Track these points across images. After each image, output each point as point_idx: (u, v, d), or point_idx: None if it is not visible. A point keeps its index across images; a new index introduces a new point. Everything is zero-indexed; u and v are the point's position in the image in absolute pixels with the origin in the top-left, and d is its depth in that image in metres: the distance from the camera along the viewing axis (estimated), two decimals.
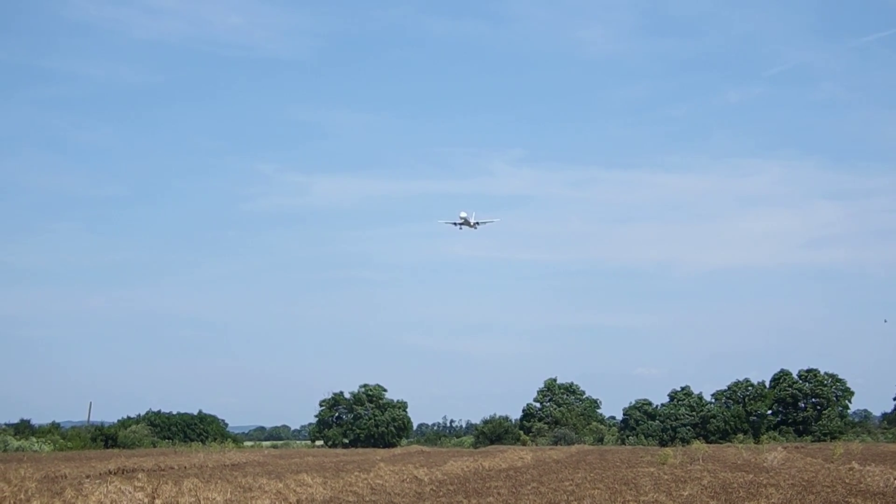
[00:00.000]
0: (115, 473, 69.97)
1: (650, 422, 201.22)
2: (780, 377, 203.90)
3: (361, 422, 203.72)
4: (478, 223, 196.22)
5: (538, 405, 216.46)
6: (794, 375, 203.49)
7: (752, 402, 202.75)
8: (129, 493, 40.78)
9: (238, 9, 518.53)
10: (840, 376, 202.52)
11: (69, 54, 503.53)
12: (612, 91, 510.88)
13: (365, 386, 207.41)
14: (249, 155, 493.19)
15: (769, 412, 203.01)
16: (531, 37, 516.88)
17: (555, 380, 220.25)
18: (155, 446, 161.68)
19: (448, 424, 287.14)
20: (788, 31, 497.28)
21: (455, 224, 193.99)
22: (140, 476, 48.58)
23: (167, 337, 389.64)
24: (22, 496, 42.17)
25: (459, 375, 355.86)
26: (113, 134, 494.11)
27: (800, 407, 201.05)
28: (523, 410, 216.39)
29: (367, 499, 47.14)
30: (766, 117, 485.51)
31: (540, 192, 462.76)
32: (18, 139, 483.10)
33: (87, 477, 63.22)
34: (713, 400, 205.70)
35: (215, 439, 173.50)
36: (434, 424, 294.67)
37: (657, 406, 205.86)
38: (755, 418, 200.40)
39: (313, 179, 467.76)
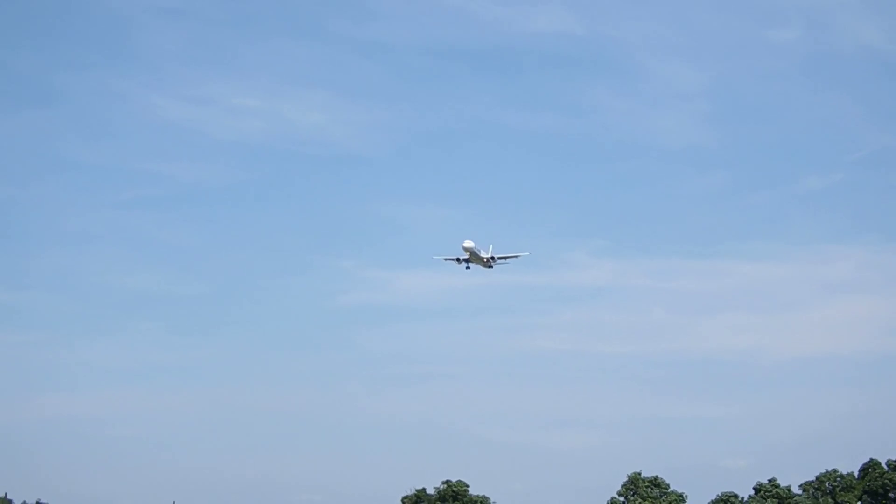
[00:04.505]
0: None
1: None
2: (869, 467, 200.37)
3: None
4: (493, 258, 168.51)
5: (622, 499, 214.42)
6: (884, 465, 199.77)
7: (841, 493, 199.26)
8: None
9: (318, 107, 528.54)
10: None
11: (152, 155, 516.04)
12: (692, 180, 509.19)
13: (447, 482, 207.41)
14: (331, 252, 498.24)
15: (859, 503, 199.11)
16: (608, 127, 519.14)
17: (639, 473, 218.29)
18: None
19: None
20: (869, 115, 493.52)
21: (458, 261, 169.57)
22: None
23: (250, 434, 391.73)
24: None
25: (542, 469, 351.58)
26: (195, 233, 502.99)
27: (890, 497, 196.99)
28: None
29: None
30: (849, 203, 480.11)
31: (622, 283, 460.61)
32: (102, 239, 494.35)
33: None
34: (801, 491, 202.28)
35: None
36: None
37: (743, 498, 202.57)
38: None
39: (394, 275, 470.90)
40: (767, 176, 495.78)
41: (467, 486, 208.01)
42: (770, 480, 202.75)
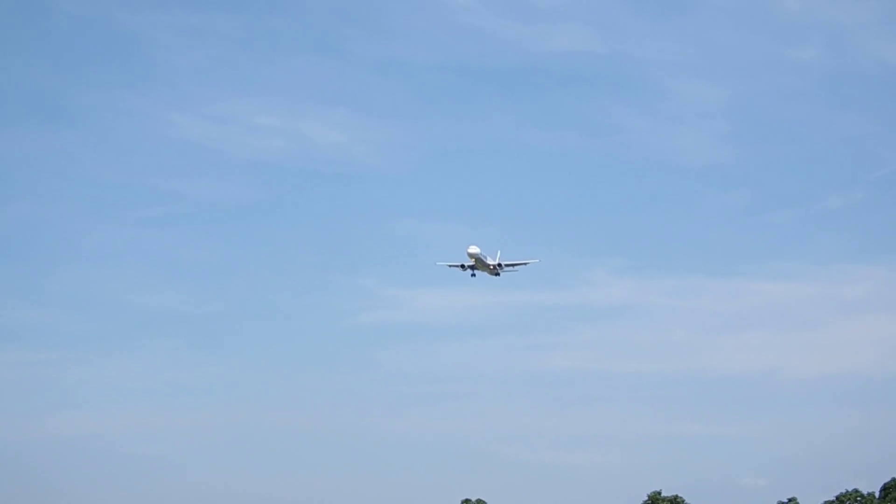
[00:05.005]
0: None
1: None
2: (891, 486, 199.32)
3: None
4: (500, 265, 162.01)
5: None
6: None
7: None
8: None
9: (338, 125, 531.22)
10: None
11: (172, 173, 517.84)
12: (713, 198, 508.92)
13: (467, 500, 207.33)
14: (351, 270, 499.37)
15: None
16: (628, 146, 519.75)
17: (659, 492, 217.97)
18: None
19: None
20: (889, 134, 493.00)
21: (463, 268, 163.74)
22: None
23: (268, 452, 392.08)
24: None
25: (562, 488, 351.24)
26: (215, 251, 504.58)
27: None
28: None
29: None
30: (870, 221, 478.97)
31: (641, 302, 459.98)
32: (121, 257, 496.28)
33: None
34: None
35: None
36: None
37: None
38: None
39: (414, 293, 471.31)
40: (788, 194, 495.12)
41: None
42: (790, 499, 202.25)
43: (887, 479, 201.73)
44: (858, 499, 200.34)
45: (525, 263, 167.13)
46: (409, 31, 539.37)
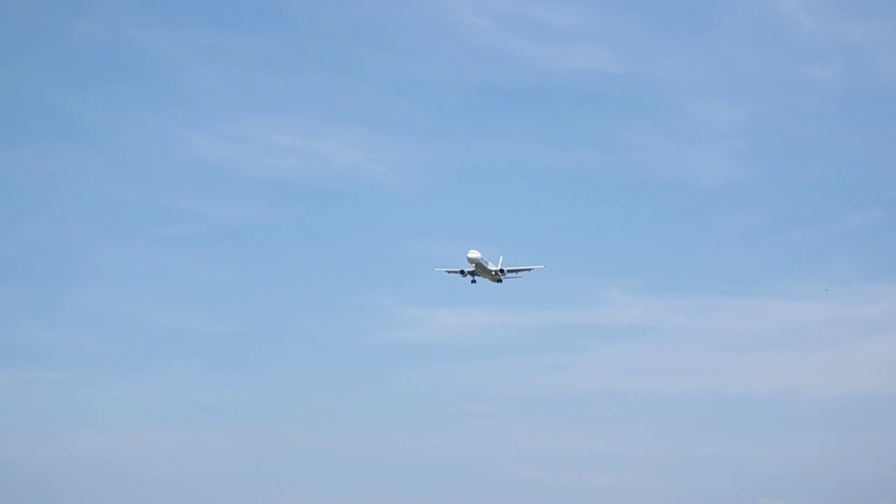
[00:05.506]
0: None
1: None
2: None
3: None
4: (503, 271, 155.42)
5: None
6: None
7: None
8: None
9: (355, 144, 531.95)
10: None
11: (188, 193, 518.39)
12: (729, 217, 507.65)
13: None
14: (368, 290, 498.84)
15: None
16: (645, 165, 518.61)
17: None
18: None
19: None
20: None
21: (463, 274, 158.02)
22: None
23: (284, 473, 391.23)
24: None
25: None
26: (231, 271, 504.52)
27: None
28: None
29: None
30: (887, 241, 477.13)
31: (658, 322, 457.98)
32: (137, 276, 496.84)
33: None
34: None
35: None
36: None
37: None
38: None
39: (432, 312, 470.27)
40: (804, 214, 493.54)
41: None
42: None
43: None
44: None
45: (529, 269, 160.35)
46: (424, 50, 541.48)
